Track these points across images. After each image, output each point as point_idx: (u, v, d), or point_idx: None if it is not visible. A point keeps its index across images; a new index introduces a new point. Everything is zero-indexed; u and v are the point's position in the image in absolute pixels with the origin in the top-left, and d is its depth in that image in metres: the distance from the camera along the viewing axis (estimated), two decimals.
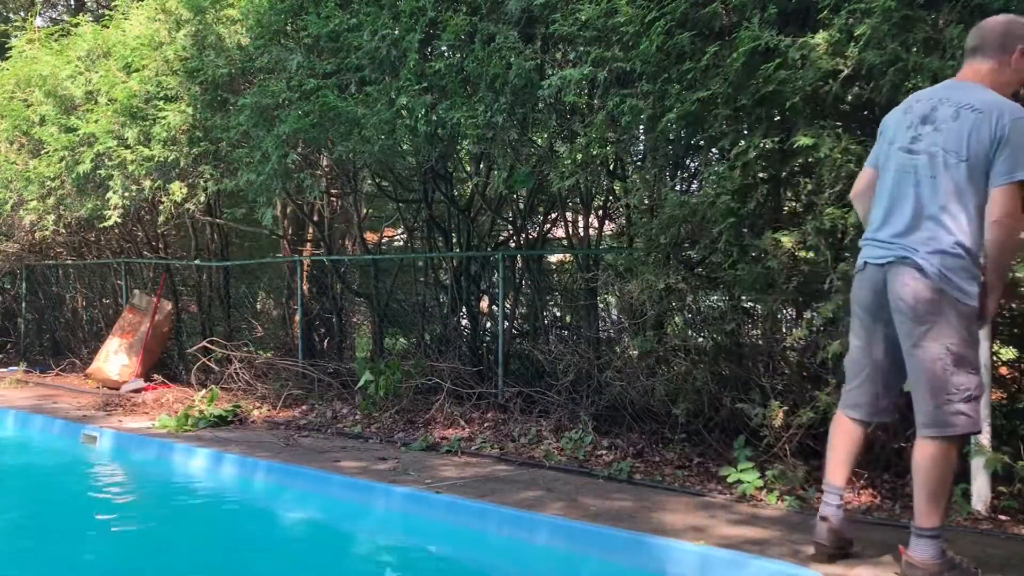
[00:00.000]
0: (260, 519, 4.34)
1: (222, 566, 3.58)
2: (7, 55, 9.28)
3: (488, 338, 6.66)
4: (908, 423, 3.96)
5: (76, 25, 8.38)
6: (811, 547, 3.04)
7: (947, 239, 2.67)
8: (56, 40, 8.53)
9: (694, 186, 5.32)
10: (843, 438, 3.00)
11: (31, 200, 8.18)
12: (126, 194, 7.05)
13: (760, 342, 4.58)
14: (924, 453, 2.73)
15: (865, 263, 2.84)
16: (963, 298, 2.66)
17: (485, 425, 5.55)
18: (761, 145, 3.82)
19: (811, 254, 3.74)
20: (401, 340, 7.77)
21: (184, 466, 5.20)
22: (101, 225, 7.95)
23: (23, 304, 10.87)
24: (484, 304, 7.06)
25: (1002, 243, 2.66)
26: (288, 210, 8.19)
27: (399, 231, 9.68)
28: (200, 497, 4.70)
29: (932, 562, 2.71)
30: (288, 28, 5.89)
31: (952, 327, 2.67)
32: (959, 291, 2.66)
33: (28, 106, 8.30)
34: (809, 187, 3.78)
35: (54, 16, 15.40)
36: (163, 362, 8.70)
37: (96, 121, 7.07)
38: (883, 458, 4.01)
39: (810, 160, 3.75)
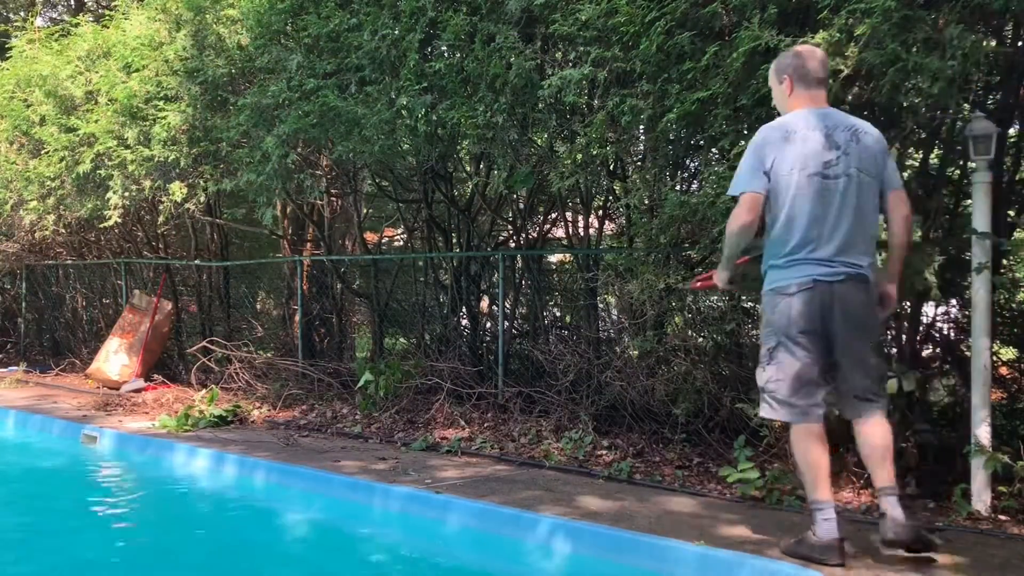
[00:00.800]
0: (260, 519, 4.34)
1: (222, 566, 3.58)
2: (7, 55, 9.28)
3: (488, 338, 6.66)
4: (909, 424, 3.97)
5: (76, 25, 8.38)
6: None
7: (871, 250, 3.08)
8: (56, 40, 8.52)
9: (694, 186, 5.32)
10: (822, 445, 3.07)
11: (31, 200, 8.18)
12: (126, 194, 7.04)
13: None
14: (880, 427, 3.05)
15: (814, 281, 3.01)
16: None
17: (485, 425, 5.55)
18: None
19: None
20: (401, 340, 7.77)
21: (184, 466, 5.20)
22: (101, 225, 7.95)
23: (23, 304, 10.87)
24: (484, 304, 7.06)
25: (911, 235, 3.18)
26: (288, 210, 8.19)
27: (399, 231, 9.69)
28: (200, 497, 4.70)
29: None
30: (288, 28, 5.89)
31: (878, 322, 3.19)
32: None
33: (28, 106, 8.29)
34: None
35: (54, 16, 15.40)
36: (163, 362, 8.70)
37: (96, 121, 7.07)
38: None
39: None
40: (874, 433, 3.04)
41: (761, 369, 3.22)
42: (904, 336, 4.17)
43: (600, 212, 6.13)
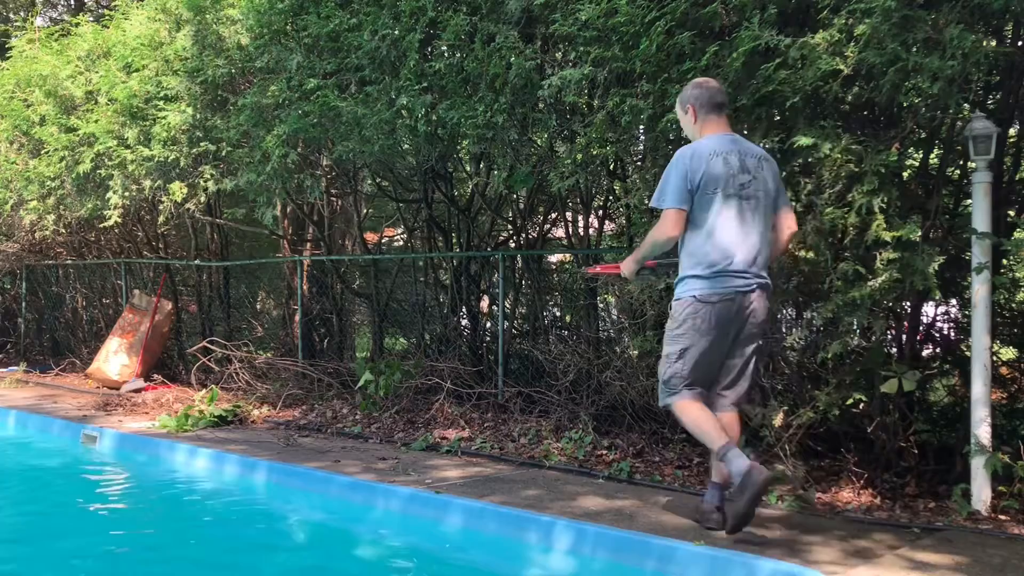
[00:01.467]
0: (260, 519, 4.34)
1: (222, 566, 3.57)
2: (7, 55, 9.28)
3: (488, 338, 6.66)
4: (909, 423, 3.97)
5: (76, 25, 8.38)
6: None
7: (770, 261, 3.49)
8: (56, 40, 8.52)
9: None
10: (709, 414, 3.44)
11: (31, 200, 8.18)
12: (126, 194, 7.04)
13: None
14: (736, 421, 3.53)
15: (735, 292, 3.35)
16: None
17: (485, 425, 5.56)
18: (761, 145, 3.81)
19: (811, 254, 3.75)
20: (401, 340, 7.77)
21: (184, 466, 5.20)
22: (101, 225, 7.95)
23: (23, 304, 10.87)
24: (484, 304, 7.06)
25: (788, 245, 3.62)
26: (288, 210, 8.19)
27: (399, 231, 9.69)
28: (200, 497, 4.70)
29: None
30: (288, 28, 5.89)
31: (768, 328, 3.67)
32: None
33: (28, 106, 8.29)
34: (809, 187, 3.78)
35: (54, 16, 15.41)
36: (163, 362, 8.70)
37: (96, 121, 7.07)
38: (883, 458, 4.01)
39: (810, 160, 3.75)
40: (733, 424, 3.52)
41: (667, 364, 3.52)
42: (904, 336, 4.17)
43: (600, 212, 6.13)
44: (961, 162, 4.15)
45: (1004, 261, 4.12)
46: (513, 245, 6.81)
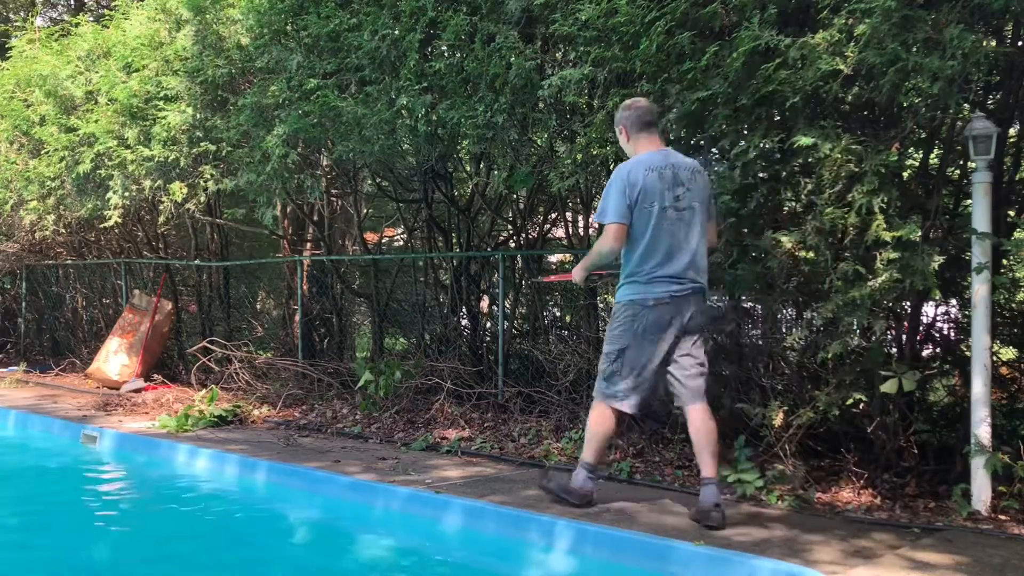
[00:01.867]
0: (260, 519, 4.34)
1: (222, 566, 3.58)
2: (7, 55, 9.28)
3: (488, 338, 6.66)
4: (909, 424, 3.97)
5: (76, 25, 8.38)
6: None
7: (706, 266, 3.71)
8: (56, 40, 8.52)
9: None
10: (611, 432, 3.75)
11: (31, 200, 8.18)
12: (126, 194, 7.04)
13: (760, 342, 4.58)
14: (706, 416, 3.63)
15: (671, 296, 3.59)
16: None
17: (485, 425, 5.56)
18: (761, 145, 3.81)
19: (811, 254, 3.74)
20: (401, 340, 7.77)
21: (184, 466, 5.20)
22: (101, 225, 7.95)
23: (23, 304, 10.87)
24: (484, 304, 7.06)
25: (712, 251, 3.90)
26: (288, 210, 8.19)
27: (399, 231, 9.69)
28: (200, 497, 4.70)
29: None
30: (288, 28, 5.89)
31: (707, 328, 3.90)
32: None
33: (28, 106, 8.29)
34: (809, 187, 3.78)
35: (54, 16, 15.40)
36: (163, 362, 8.70)
37: (96, 121, 7.07)
38: (883, 458, 4.01)
39: (810, 160, 3.75)
40: (698, 419, 3.65)
41: (607, 362, 3.72)
42: (904, 336, 4.17)
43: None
44: (961, 162, 4.15)
45: (1004, 261, 4.12)
46: (513, 245, 6.81)
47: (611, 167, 5.38)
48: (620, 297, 3.71)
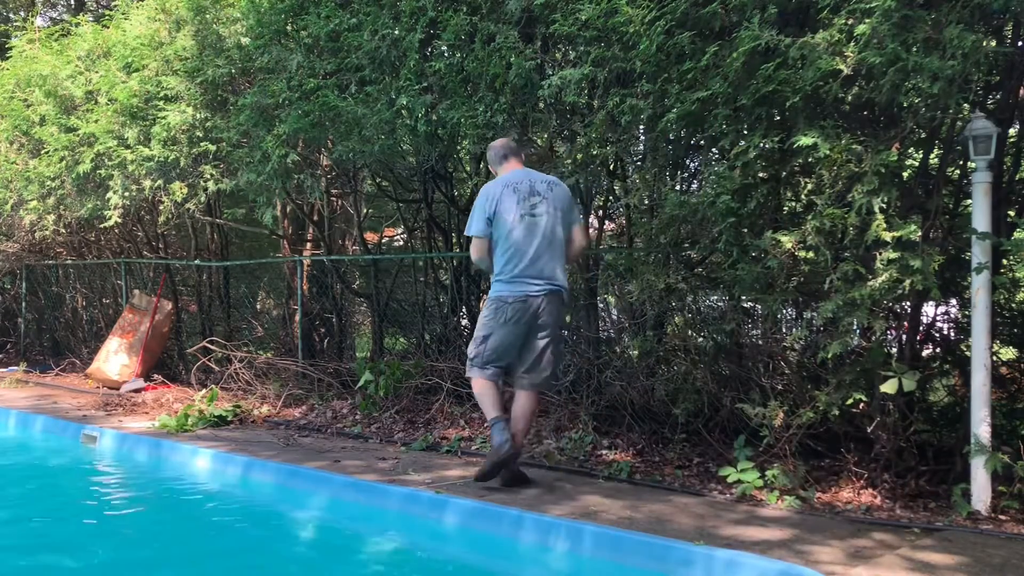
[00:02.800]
0: (261, 519, 4.34)
1: (222, 566, 3.58)
2: (7, 55, 9.28)
3: None
4: (909, 423, 3.97)
5: (76, 25, 8.39)
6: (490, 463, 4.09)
7: (565, 269, 4.21)
8: (56, 40, 8.52)
9: (694, 186, 5.32)
10: (492, 392, 4.20)
11: (31, 200, 8.18)
12: (126, 194, 7.04)
13: (760, 342, 4.58)
14: (532, 400, 4.24)
15: (527, 295, 4.10)
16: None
17: (485, 425, 5.55)
18: (761, 145, 3.81)
19: (811, 254, 3.74)
20: (401, 340, 7.77)
21: (184, 466, 5.20)
22: (101, 225, 7.95)
23: (23, 304, 10.87)
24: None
25: (584, 251, 4.50)
26: (288, 210, 8.19)
27: (399, 231, 9.68)
28: (200, 497, 4.70)
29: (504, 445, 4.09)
30: (288, 28, 5.89)
31: (562, 325, 4.52)
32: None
33: (28, 106, 8.29)
34: (809, 187, 3.78)
35: (54, 16, 15.40)
36: (163, 362, 8.70)
37: (96, 121, 7.07)
38: (883, 458, 4.01)
39: (810, 160, 3.75)
40: (526, 404, 4.22)
41: (474, 346, 4.28)
42: (904, 336, 4.17)
43: (600, 212, 6.13)
44: (961, 162, 4.15)
45: (1004, 261, 4.12)
46: None
47: (611, 167, 5.40)
48: (491, 292, 4.24)
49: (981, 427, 3.59)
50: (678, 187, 5.15)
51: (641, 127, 4.73)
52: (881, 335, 3.95)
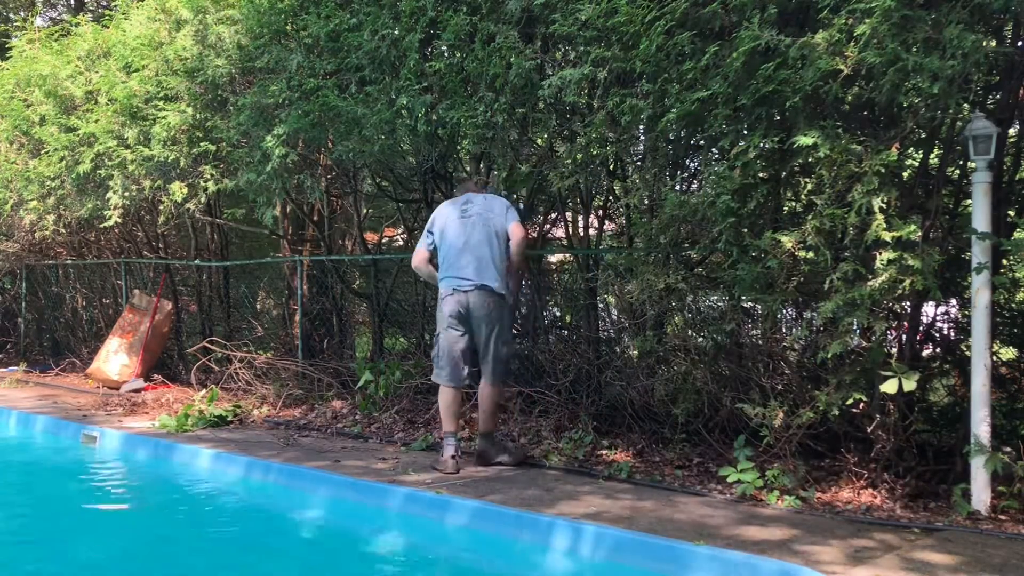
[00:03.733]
0: (261, 519, 4.34)
1: (222, 566, 3.58)
2: (7, 55, 9.27)
3: None
4: (909, 423, 3.97)
5: (76, 25, 8.38)
6: (440, 475, 4.46)
7: (497, 269, 4.65)
8: (56, 40, 8.52)
9: (694, 186, 5.32)
10: (454, 402, 4.70)
11: (31, 200, 8.18)
12: (126, 194, 7.04)
13: (760, 342, 4.58)
14: (488, 390, 4.68)
15: (454, 290, 4.64)
16: (508, 298, 4.73)
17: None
18: (761, 145, 3.81)
19: (811, 254, 3.74)
20: (401, 340, 7.76)
21: (184, 466, 5.20)
22: (101, 225, 7.94)
23: (23, 304, 10.87)
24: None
25: (524, 250, 4.79)
26: (288, 210, 8.19)
27: (399, 231, 9.68)
28: (200, 497, 4.70)
29: (453, 457, 4.59)
30: (288, 28, 5.89)
31: (506, 318, 4.76)
32: (506, 295, 4.69)
33: (28, 106, 8.29)
34: (809, 187, 3.77)
35: (54, 16, 15.40)
36: (163, 362, 8.70)
37: (96, 121, 7.07)
38: (883, 458, 4.01)
39: (810, 160, 3.75)
40: (483, 394, 4.70)
41: (435, 345, 4.78)
42: (904, 336, 4.17)
43: (600, 212, 6.12)
44: (961, 162, 4.14)
45: (1004, 261, 4.12)
46: None
47: (611, 167, 5.41)
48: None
49: (981, 427, 3.59)
50: (678, 187, 5.15)
51: (641, 127, 4.73)
52: (881, 335, 3.95)
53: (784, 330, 4.68)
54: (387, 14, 5.23)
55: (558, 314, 6.73)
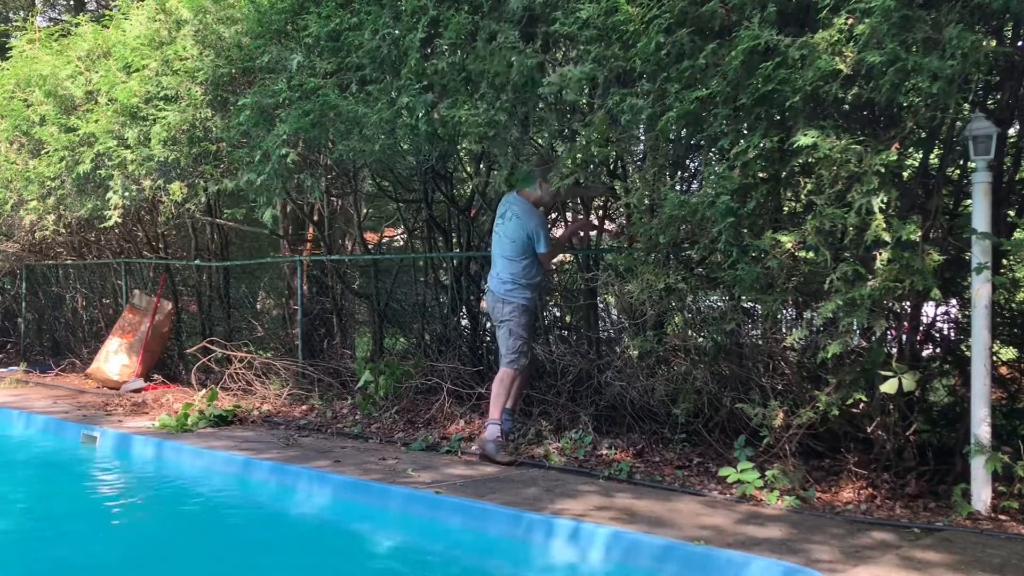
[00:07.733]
0: (260, 518, 4.34)
1: (222, 566, 3.58)
2: (7, 55, 9.27)
3: (488, 338, 6.65)
4: (909, 423, 3.97)
5: (76, 25, 8.37)
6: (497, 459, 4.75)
7: (509, 271, 5.01)
8: (56, 40, 8.52)
9: (694, 186, 5.32)
10: (520, 384, 5.12)
11: (31, 200, 8.18)
12: (126, 194, 7.04)
13: (760, 342, 4.58)
14: (500, 377, 4.95)
15: (487, 290, 5.13)
16: (520, 302, 5.01)
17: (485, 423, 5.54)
18: (761, 145, 3.81)
19: (811, 254, 3.74)
20: (401, 340, 7.77)
21: (184, 466, 5.20)
22: (101, 225, 7.94)
23: (23, 304, 10.87)
24: (484, 304, 7.05)
25: (552, 255, 5.25)
26: (288, 210, 8.19)
27: (399, 231, 9.68)
28: (200, 497, 4.70)
29: (491, 438, 4.82)
30: (289, 27, 5.88)
31: (509, 318, 5.02)
32: (516, 299, 5.00)
33: (28, 106, 8.29)
34: (809, 187, 3.77)
35: (54, 16, 15.41)
36: (163, 362, 8.70)
37: (96, 121, 7.07)
38: (883, 458, 4.01)
39: (810, 160, 3.75)
40: (496, 377, 4.99)
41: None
42: (904, 336, 4.17)
43: (600, 212, 6.13)
44: (961, 162, 4.14)
45: (1004, 261, 4.12)
46: None
47: (611, 167, 5.41)
48: None
49: (981, 427, 3.58)
50: (678, 187, 5.15)
51: (641, 126, 4.73)
52: (881, 335, 3.95)
53: (784, 330, 4.68)
54: (388, 13, 5.23)
55: (558, 314, 6.74)
